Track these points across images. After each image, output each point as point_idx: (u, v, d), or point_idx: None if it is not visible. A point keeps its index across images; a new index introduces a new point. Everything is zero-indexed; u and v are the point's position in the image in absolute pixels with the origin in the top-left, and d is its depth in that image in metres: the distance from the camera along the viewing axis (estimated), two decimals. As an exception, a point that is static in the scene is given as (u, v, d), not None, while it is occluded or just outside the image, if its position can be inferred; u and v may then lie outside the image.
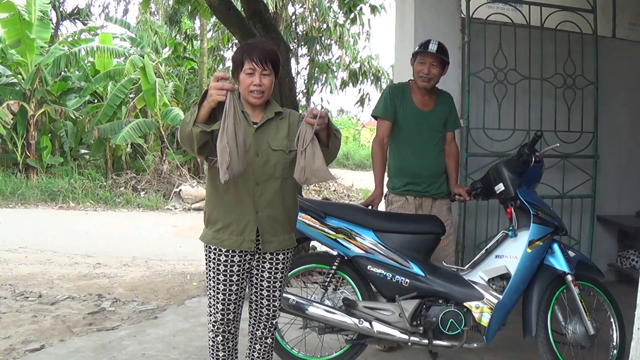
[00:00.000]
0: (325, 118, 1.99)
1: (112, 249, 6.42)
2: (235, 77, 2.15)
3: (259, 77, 2.06)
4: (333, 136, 2.08)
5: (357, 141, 24.25)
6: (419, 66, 3.13)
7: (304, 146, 1.95)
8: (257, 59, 2.05)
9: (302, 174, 1.97)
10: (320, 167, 1.96)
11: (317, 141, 1.98)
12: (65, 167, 11.84)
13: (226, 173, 1.89)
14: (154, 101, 11.45)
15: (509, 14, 4.24)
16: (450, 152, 3.27)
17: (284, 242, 2.19)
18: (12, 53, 11.30)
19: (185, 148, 2.08)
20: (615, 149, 4.60)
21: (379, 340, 2.79)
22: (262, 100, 2.11)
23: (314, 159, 1.95)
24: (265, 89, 2.08)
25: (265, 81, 2.08)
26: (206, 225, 2.18)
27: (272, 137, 2.13)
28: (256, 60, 2.05)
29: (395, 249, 2.72)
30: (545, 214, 2.70)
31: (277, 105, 2.22)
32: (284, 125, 2.18)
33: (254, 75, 2.06)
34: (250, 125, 2.11)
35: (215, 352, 2.23)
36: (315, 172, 1.96)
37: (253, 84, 2.06)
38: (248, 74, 2.07)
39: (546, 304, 2.63)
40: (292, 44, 11.86)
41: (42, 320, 3.66)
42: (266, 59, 2.06)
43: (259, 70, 2.06)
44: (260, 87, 2.07)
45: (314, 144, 1.96)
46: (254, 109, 2.16)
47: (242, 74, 2.08)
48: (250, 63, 2.05)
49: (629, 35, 5.01)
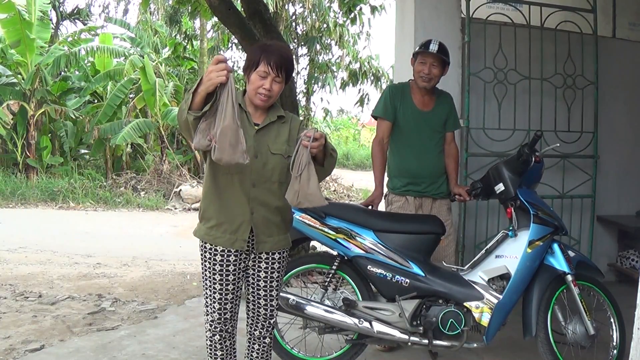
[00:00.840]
0: (321, 139, 1.97)
1: (112, 249, 6.41)
2: (246, 74, 2.12)
3: (270, 82, 2.05)
4: (329, 156, 2.08)
5: (357, 141, 24.25)
6: (420, 66, 3.13)
7: (299, 172, 1.94)
8: (273, 64, 2.03)
9: (296, 197, 1.97)
10: (314, 192, 1.96)
11: (312, 165, 1.97)
12: (65, 167, 11.84)
13: (245, 153, 1.85)
14: (154, 101, 11.45)
15: (509, 14, 4.24)
16: (450, 152, 3.27)
17: (278, 242, 2.19)
18: (12, 53, 11.30)
19: (185, 136, 2.04)
20: (615, 149, 4.60)
21: (379, 340, 2.80)
22: (268, 104, 2.11)
23: (308, 183, 1.95)
24: (273, 95, 2.08)
25: (275, 87, 2.07)
26: (200, 220, 2.18)
27: (272, 141, 2.12)
28: (272, 66, 2.03)
29: (395, 249, 2.72)
30: (545, 214, 2.70)
31: (280, 108, 2.21)
32: (285, 129, 2.17)
33: (266, 79, 2.04)
34: (251, 126, 2.11)
35: (213, 352, 2.23)
36: (308, 196, 1.96)
37: (263, 87, 2.05)
38: (261, 76, 2.05)
39: (546, 304, 2.63)
40: (292, 44, 11.85)
41: (42, 320, 3.66)
42: (282, 66, 2.04)
43: (272, 76, 2.04)
44: (270, 92, 2.06)
45: (310, 168, 1.96)
46: (256, 109, 2.15)
47: (254, 74, 2.06)
48: (266, 66, 2.03)
49: (629, 35, 5.01)
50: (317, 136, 1.94)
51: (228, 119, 1.82)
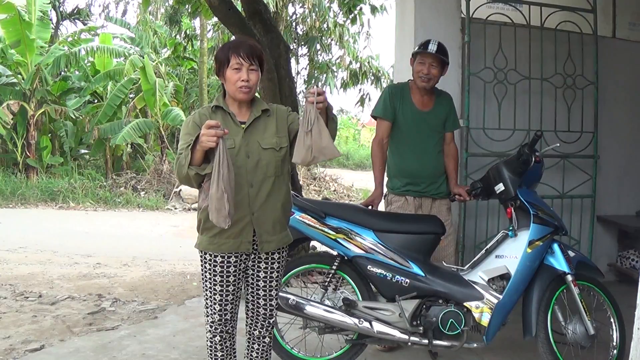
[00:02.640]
0: (324, 94, 1.99)
1: (112, 249, 6.41)
2: (221, 75, 2.14)
3: (246, 73, 2.07)
4: (331, 120, 2.10)
5: (357, 141, 24.21)
6: (419, 66, 3.13)
7: (310, 126, 1.94)
8: (243, 54, 2.06)
9: (309, 152, 1.96)
10: (328, 145, 1.96)
11: (322, 120, 1.98)
12: (65, 167, 11.84)
13: (227, 218, 1.93)
14: (154, 101, 11.45)
15: (509, 14, 4.24)
16: (449, 153, 3.27)
17: (282, 239, 2.20)
18: (12, 53, 11.30)
19: (186, 185, 2.13)
20: (615, 149, 4.60)
21: (379, 340, 2.79)
22: (250, 95, 2.11)
23: (320, 137, 1.95)
24: (252, 85, 2.09)
25: (252, 76, 2.08)
26: (201, 232, 2.16)
27: (261, 136, 2.13)
28: (243, 56, 2.06)
29: (395, 249, 2.72)
30: (545, 214, 2.70)
31: (263, 102, 2.22)
32: (272, 122, 2.17)
33: (241, 71, 2.07)
34: (237, 127, 2.11)
35: (214, 353, 2.23)
36: (323, 149, 1.96)
37: (241, 79, 2.07)
38: (235, 69, 2.07)
39: (546, 304, 2.63)
40: (292, 44, 11.85)
41: (42, 320, 3.66)
42: (253, 54, 2.07)
43: (246, 66, 2.07)
44: (248, 82, 2.07)
45: (320, 122, 1.96)
46: (240, 108, 2.16)
47: (228, 71, 2.08)
48: (237, 58, 2.06)
49: (629, 35, 5.01)
50: (320, 91, 1.97)
51: (214, 186, 1.91)
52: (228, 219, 1.94)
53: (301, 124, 1.99)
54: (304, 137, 1.96)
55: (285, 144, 2.16)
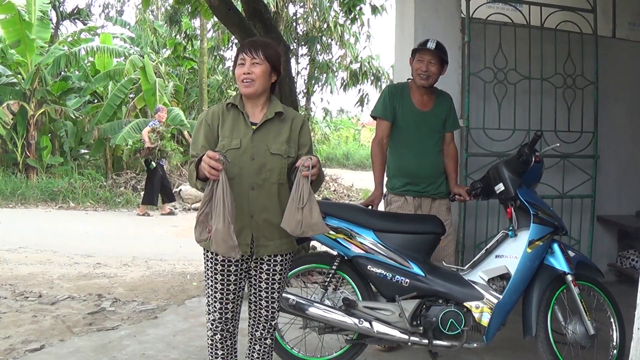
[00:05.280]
0: (317, 164, 2.01)
1: (112, 249, 6.41)
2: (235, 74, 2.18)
3: (248, 66, 2.09)
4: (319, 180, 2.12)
5: (357, 141, 24.19)
6: (417, 64, 3.13)
7: (303, 203, 1.98)
8: (247, 49, 2.10)
9: (299, 226, 2.00)
10: (317, 222, 2.01)
11: (314, 195, 2.01)
12: (65, 167, 11.83)
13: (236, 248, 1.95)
14: (154, 101, 11.44)
15: (509, 14, 4.24)
16: (449, 153, 3.27)
17: (281, 246, 2.18)
18: (12, 53, 11.29)
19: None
20: (615, 149, 4.60)
21: (379, 340, 2.79)
22: (253, 89, 2.10)
23: (311, 214, 1.99)
24: (255, 77, 2.09)
25: (255, 69, 2.09)
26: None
27: (271, 140, 2.12)
28: (246, 51, 2.09)
29: (395, 249, 2.72)
30: (545, 213, 2.70)
31: (279, 104, 2.20)
32: (286, 128, 2.16)
33: (244, 65, 2.10)
34: (248, 128, 2.11)
35: (214, 351, 2.23)
36: (313, 226, 2.00)
37: (243, 72, 2.09)
38: (240, 65, 2.11)
39: (546, 304, 2.63)
40: (292, 44, 11.85)
41: (42, 320, 3.66)
42: (257, 48, 2.09)
43: (249, 60, 2.09)
44: (250, 75, 2.08)
45: (312, 199, 1.99)
46: (254, 108, 2.15)
47: (237, 69, 2.13)
48: (241, 54, 2.11)
49: (629, 35, 5.01)
50: (314, 163, 1.99)
51: (220, 219, 1.91)
52: (238, 249, 1.96)
53: (293, 196, 2.00)
54: (296, 211, 1.99)
55: (293, 154, 2.15)
